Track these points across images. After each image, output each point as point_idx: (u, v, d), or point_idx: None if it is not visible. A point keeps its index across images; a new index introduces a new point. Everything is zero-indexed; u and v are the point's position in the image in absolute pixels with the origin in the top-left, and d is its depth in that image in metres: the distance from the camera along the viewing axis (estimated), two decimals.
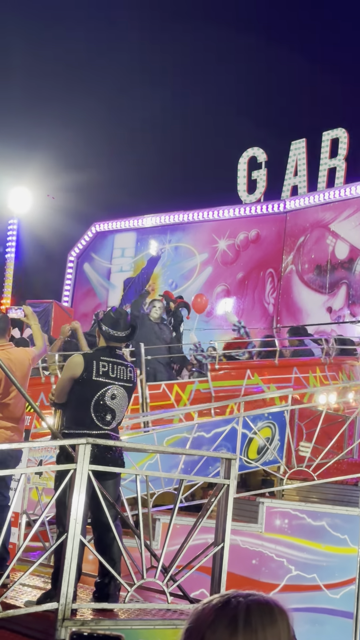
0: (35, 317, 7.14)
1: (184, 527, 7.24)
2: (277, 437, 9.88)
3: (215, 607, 1.62)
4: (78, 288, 21.91)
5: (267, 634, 1.60)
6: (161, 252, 20.78)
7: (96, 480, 5.52)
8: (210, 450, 9.17)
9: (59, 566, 5.49)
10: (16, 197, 21.23)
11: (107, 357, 5.97)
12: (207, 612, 1.62)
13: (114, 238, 21.68)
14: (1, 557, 6.03)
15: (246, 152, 20.17)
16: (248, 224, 19.69)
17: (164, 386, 11.95)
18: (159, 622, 5.63)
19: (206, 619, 1.61)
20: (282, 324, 18.49)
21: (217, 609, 1.61)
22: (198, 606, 1.65)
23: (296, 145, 19.68)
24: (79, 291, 21.88)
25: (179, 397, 11.97)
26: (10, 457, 6.55)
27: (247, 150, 20.17)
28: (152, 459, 9.03)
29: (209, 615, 1.61)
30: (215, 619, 1.60)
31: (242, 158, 20.16)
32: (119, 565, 5.85)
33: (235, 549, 7.98)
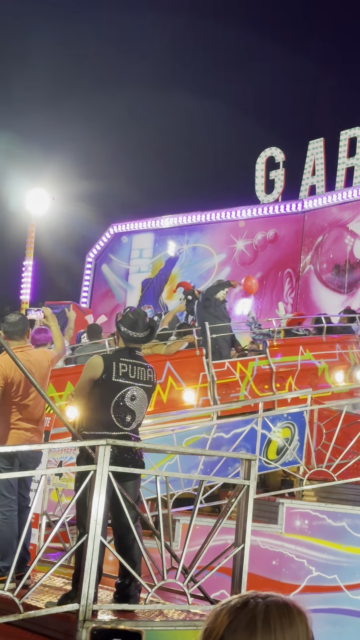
0: (54, 318, 7.16)
1: (204, 528, 7.24)
2: (296, 438, 9.86)
3: (234, 608, 1.61)
4: (96, 289, 21.93)
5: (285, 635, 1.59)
6: (179, 252, 20.78)
7: (116, 481, 5.53)
8: (229, 451, 9.16)
9: (79, 567, 5.49)
10: (34, 199, 21.28)
11: (126, 358, 5.97)
12: (226, 613, 1.61)
13: (132, 239, 21.68)
14: (22, 558, 6.03)
15: (264, 152, 20.13)
16: (266, 224, 19.65)
17: (228, 364, 12.25)
18: (180, 623, 5.63)
19: (224, 619, 1.60)
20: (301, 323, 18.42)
21: (236, 610, 1.61)
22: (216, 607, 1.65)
23: (314, 145, 19.62)
24: (97, 292, 21.90)
25: (243, 374, 12.23)
26: (30, 458, 6.57)
27: (265, 151, 20.13)
28: (171, 459, 9.03)
29: (228, 616, 1.60)
30: (234, 619, 1.59)
31: (259, 158, 20.12)
32: (140, 566, 5.85)
33: (255, 549, 7.97)
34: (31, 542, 7.02)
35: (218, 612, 1.63)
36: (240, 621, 1.59)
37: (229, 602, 1.64)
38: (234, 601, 1.63)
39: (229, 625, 1.59)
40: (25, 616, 5.24)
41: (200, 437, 9.59)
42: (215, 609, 1.65)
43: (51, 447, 7.49)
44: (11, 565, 5.48)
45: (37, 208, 21.38)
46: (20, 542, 5.66)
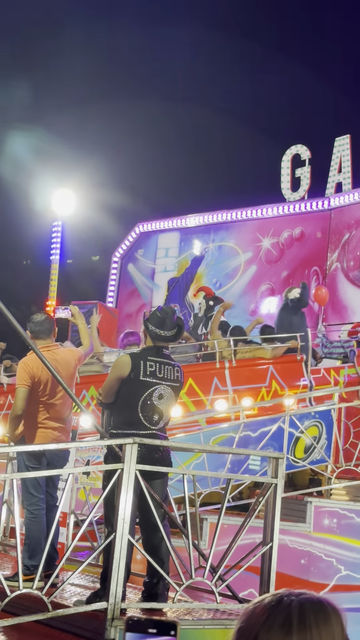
0: (82, 317, 7.17)
1: (232, 527, 7.22)
2: (324, 436, 9.81)
3: (268, 606, 1.59)
4: (122, 289, 21.96)
5: (321, 633, 1.57)
6: (205, 251, 20.75)
7: (143, 480, 5.52)
8: (256, 450, 9.13)
9: (107, 566, 5.49)
10: (60, 199, 21.35)
11: (154, 356, 5.95)
12: (260, 611, 1.59)
13: (158, 238, 21.69)
14: (50, 556, 6.05)
15: (289, 150, 20.05)
16: (292, 222, 19.57)
17: (323, 370, 12.43)
18: (208, 622, 5.61)
19: (259, 618, 1.58)
20: (327, 322, 18.33)
21: (270, 607, 1.59)
22: (249, 605, 1.63)
23: (340, 142, 19.50)
24: (124, 292, 21.93)
25: (336, 381, 12.29)
26: (57, 457, 6.59)
27: (291, 148, 20.04)
28: (198, 458, 9.02)
29: (262, 614, 1.58)
30: (269, 617, 1.57)
31: (285, 156, 20.05)
32: (167, 565, 5.84)
33: (283, 548, 7.93)
34: (59, 541, 7.04)
35: (251, 610, 1.62)
36: (276, 619, 1.57)
37: (263, 600, 1.62)
38: (268, 599, 1.62)
39: (264, 624, 1.57)
40: (53, 614, 5.25)
41: (227, 436, 9.57)
42: (247, 608, 1.63)
43: (78, 446, 7.51)
44: (39, 564, 5.49)
45: (64, 208, 21.45)
46: (48, 540, 5.67)
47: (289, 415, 9.56)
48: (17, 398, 6.52)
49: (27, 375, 6.52)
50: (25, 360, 6.66)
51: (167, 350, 6.11)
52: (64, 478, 6.87)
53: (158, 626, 1.51)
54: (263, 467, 8.87)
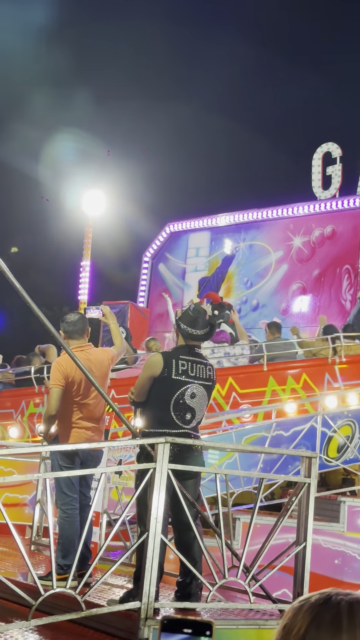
0: (113, 317, 7.18)
1: (264, 527, 7.19)
2: (357, 436, 9.75)
3: (316, 605, 1.59)
4: (153, 289, 21.97)
5: None
6: (235, 250, 20.70)
7: (176, 479, 5.52)
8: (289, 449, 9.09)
9: (140, 565, 5.50)
10: (91, 199, 21.42)
11: (186, 355, 5.95)
12: (308, 609, 1.59)
13: (188, 238, 21.68)
14: (83, 556, 6.07)
15: (320, 148, 19.95)
16: (323, 220, 19.47)
17: None
18: (242, 622, 5.60)
19: (307, 616, 1.57)
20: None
21: (319, 605, 1.58)
22: (295, 603, 1.63)
23: None
24: (154, 292, 21.94)
25: None
26: (91, 456, 6.61)
27: (322, 146, 19.94)
28: (230, 458, 9.00)
29: (310, 613, 1.58)
30: (317, 616, 1.56)
31: (316, 154, 19.95)
32: (200, 564, 5.84)
33: (317, 548, 7.89)
34: (92, 540, 7.06)
35: (298, 608, 1.61)
36: (324, 618, 1.56)
37: (309, 599, 1.61)
38: (315, 597, 1.61)
39: (312, 621, 1.56)
40: (87, 614, 5.27)
41: (259, 435, 9.54)
42: (294, 605, 1.62)
43: (111, 446, 7.53)
44: (73, 563, 5.51)
45: (94, 209, 21.52)
46: (81, 540, 5.69)
47: (322, 415, 9.51)
48: (51, 398, 6.55)
49: (61, 375, 6.54)
50: (59, 361, 6.69)
51: (199, 349, 6.10)
52: (96, 477, 6.89)
53: (193, 626, 1.51)
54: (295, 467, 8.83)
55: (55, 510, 6.62)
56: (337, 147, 19.87)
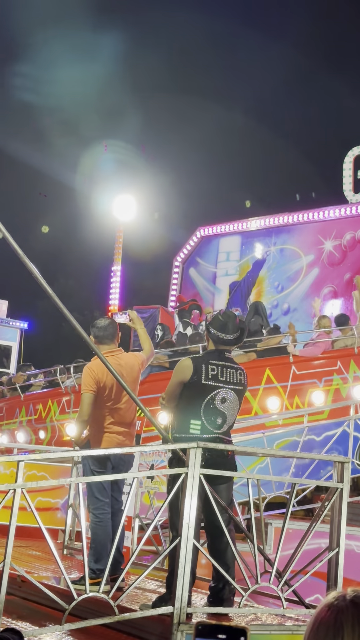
0: (141, 322, 7.19)
1: (296, 532, 7.15)
2: None
3: (352, 603, 1.59)
4: (184, 293, 21.98)
5: None
6: (266, 254, 20.66)
7: (208, 484, 5.51)
8: (321, 454, 9.05)
9: (173, 570, 5.50)
10: (121, 205, 21.50)
11: (216, 360, 5.94)
12: (346, 606, 1.58)
13: (219, 242, 21.68)
14: (116, 560, 6.09)
15: (351, 151, 19.86)
16: (354, 223, 19.37)
17: None
18: (275, 627, 5.58)
19: (345, 611, 1.57)
20: None
21: (354, 604, 1.58)
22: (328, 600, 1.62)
23: None
24: (185, 296, 21.93)
25: None
26: (122, 461, 6.63)
27: (353, 149, 19.86)
28: (262, 462, 8.98)
29: (348, 609, 1.57)
30: (356, 613, 1.56)
31: (347, 157, 19.87)
32: (233, 569, 5.82)
33: (350, 554, 7.83)
34: (124, 545, 7.07)
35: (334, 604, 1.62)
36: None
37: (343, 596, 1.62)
38: (351, 595, 1.61)
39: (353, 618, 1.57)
40: (120, 618, 5.28)
41: (291, 440, 9.51)
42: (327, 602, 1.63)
43: (142, 450, 7.55)
44: (105, 568, 5.52)
45: (125, 214, 21.60)
46: (114, 544, 5.70)
47: (354, 419, 9.46)
48: (83, 403, 6.58)
49: (92, 380, 6.57)
50: (90, 366, 6.71)
51: (229, 354, 6.09)
52: (128, 482, 6.91)
53: (228, 632, 1.51)
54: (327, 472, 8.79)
55: (87, 514, 6.65)
56: None
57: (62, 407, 14.44)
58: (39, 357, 23.81)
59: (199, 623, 1.52)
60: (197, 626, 1.52)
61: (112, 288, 21.57)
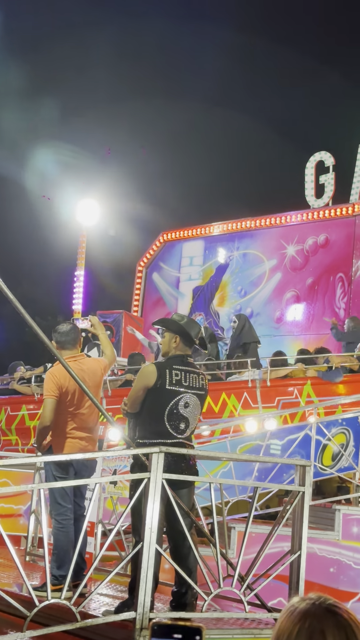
0: (102, 327, 7.17)
1: (260, 536, 7.19)
2: (352, 443, 9.74)
3: (328, 609, 1.61)
4: (147, 298, 21.99)
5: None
6: (229, 259, 20.73)
7: (170, 489, 5.51)
8: (284, 458, 9.09)
9: (135, 575, 5.49)
10: (85, 209, 21.43)
11: (179, 365, 5.95)
12: (324, 614, 1.60)
13: (182, 247, 21.72)
14: (78, 566, 6.06)
15: (313, 157, 20.01)
16: (316, 228, 19.52)
17: None
18: (237, 631, 5.59)
19: (325, 619, 1.59)
20: None
21: (305, 614, 1.60)
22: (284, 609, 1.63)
23: None
24: (149, 301, 21.96)
25: None
26: (85, 467, 6.60)
27: (314, 155, 20.01)
28: (225, 467, 9.00)
29: (327, 617, 1.59)
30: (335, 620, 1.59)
31: (309, 162, 20.02)
32: (196, 574, 5.83)
33: (312, 557, 7.89)
34: (87, 551, 7.04)
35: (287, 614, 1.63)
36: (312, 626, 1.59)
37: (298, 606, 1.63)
38: (328, 602, 1.63)
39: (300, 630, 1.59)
40: (82, 624, 5.26)
41: (254, 444, 9.54)
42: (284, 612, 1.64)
43: (105, 456, 7.53)
44: (68, 574, 5.50)
45: (88, 219, 21.53)
46: (76, 550, 5.68)
47: (316, 423, 9.52)
48: (45, 409, 6.54)
49: (55, 386, 6.54)
50: (52, 371, 6.68)
51: (191, 359, 6.10)
52: (91, 488, 6.88)
53: (183, 631, 1.52)
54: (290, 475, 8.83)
55: (49, 520, 6.61)
56: (330, 155, 19.94)
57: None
58: (4, 362, 23.64)
59: (155, 623, 1.52)
60: (153, 627, 1.52)
61: (75, 293, 21.48)
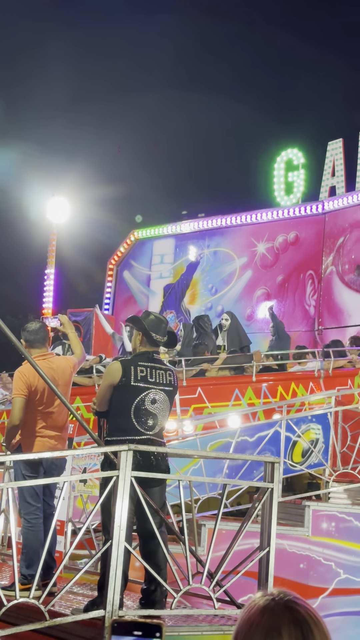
0: (71, 326, 7.17)
1: (230, 533, 7.21)
2: (321, 440, 9.80)
3: (286, 606, 1.61)
4: (118, 296, 21.97)
5: None
6: (200, 257, 20.77)
7: (140, 486, 5.52)
8: (254, 455, 9.12)
9: (104, 573, 5.49)
10: (55, 207, 21.35)
11: (145, 362, 5.96)
12: (281, 610, 1.61)
13: (153, 245, 21.72)
14: (48, 565, 6.04)
15: (280, 157, 20.09)
16: (286, 226, 19.60)
17: None
18: (207, 627, 5.61)
19: (281, 616, 1.60)
20: (323, 325, 18.36)
21: (289, 608, 1.61)
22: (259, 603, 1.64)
23: (333, 146, 19.54)
24: (120, 299, 21.94)
25: None
26: (54, 465, 6.59)
27: (281, 154, 20.09)
28: (196, 464, 9.01)
29: (284, 613, 1.60)
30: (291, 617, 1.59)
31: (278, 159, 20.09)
32: (165, 571, 5.83)
33: (282, 553, 7.93)
34: (57, 550, 7.03)
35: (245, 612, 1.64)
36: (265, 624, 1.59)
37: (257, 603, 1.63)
38: (291, 597, 1.63)
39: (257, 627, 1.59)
40: (51, 623, 5.25)
41: (224, 441, 9.56)
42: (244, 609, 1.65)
43: (74, 454, 7.50)
44: (37, 573, 5.48)
45: (58, 216, 21.45)
46: (45, 549, 5.66)
47: (286, 420, 9.56)
48: (15, 408, 6.52)
49: (24, 384, 6.52)
50: (22, 370, 6.65)
51: (157, 355, 6.11)
52: (60, 486, 6.86)
53: (143, 628, 1.52)
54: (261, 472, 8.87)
55: (19, 520, 6.58)
56: (299, 153, 20.02)
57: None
58: None
59: (115, 621, 1.53)
60: (113, 624, 1.53)
61: (46, 291, 21.40)
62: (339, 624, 8.40)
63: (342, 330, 17.44)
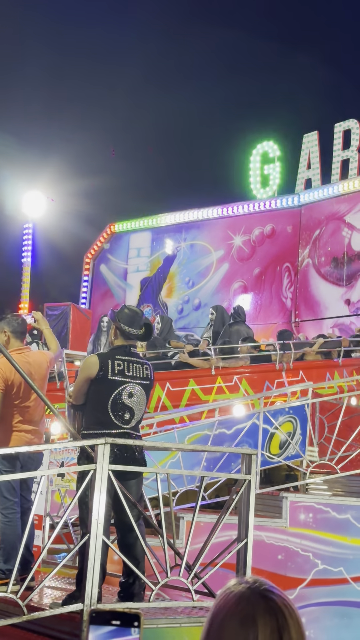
0: (45, 322, 7.16)
1: (208, 525, 7.22)
2: (298, 432, 9.84)
3: (262, 594, 1.62)
4: (95, 290, 21.94)
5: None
6: (177, 250, 20.78)
7: (117, 480, 5.52)
8: (232, 447, 9.15)
9: (83, 567, 5.49)
10: (30, 201, 21.27)
11: (122, 355, 5.96)
12: (257, 599, 1.61)
13: (130, 238, 21.70)
14: (25, 560, 6.03)
15: (256, 150, 20.12)
16: (263, 219, 19.65)
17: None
18: (185, 619, 5.63)
19: (257, 605, 1.60)
20: (300, 317, 18.44)
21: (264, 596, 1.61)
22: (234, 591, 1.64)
23: (308, 138, 19.60)
24: (97, 293, 21.91)
25: None
26: (31, 460, 6.57)
27: (257, 147, 20.12)
28: (174, 457, 9.02)
29: (259, 603, 1.60)
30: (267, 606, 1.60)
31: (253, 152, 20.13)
32: (143, 564, 5.84)
33: (260, 544, 7.96)
34: (35, 544, 7.02)
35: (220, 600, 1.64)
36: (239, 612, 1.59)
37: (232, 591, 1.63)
38: (236, 591, 1.63)
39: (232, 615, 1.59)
40: (29, 618, 5.24)
41: (202, 434, 9.58)
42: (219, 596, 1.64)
43: (51, 448, 7.49)
44: (14, 568, 5.47)
45: (34, 210, 21.37)
46: (22, 543, 5.65)
47: (263, 412, 9.59)
48: None
49: (0, 379, 6.49)
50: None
51: (134, 349, 6.11)
52: (37, 480, 6.85)
53: (122, 618, 1.53)
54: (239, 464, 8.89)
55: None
56: (275, 146, 20.06)
57: None
58: None
59: (93, 610, 1.53)
60: (91, 614, 1.53)
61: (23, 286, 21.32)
62: (317, 614, 8.45)
63: (318, 322, 17.54)
